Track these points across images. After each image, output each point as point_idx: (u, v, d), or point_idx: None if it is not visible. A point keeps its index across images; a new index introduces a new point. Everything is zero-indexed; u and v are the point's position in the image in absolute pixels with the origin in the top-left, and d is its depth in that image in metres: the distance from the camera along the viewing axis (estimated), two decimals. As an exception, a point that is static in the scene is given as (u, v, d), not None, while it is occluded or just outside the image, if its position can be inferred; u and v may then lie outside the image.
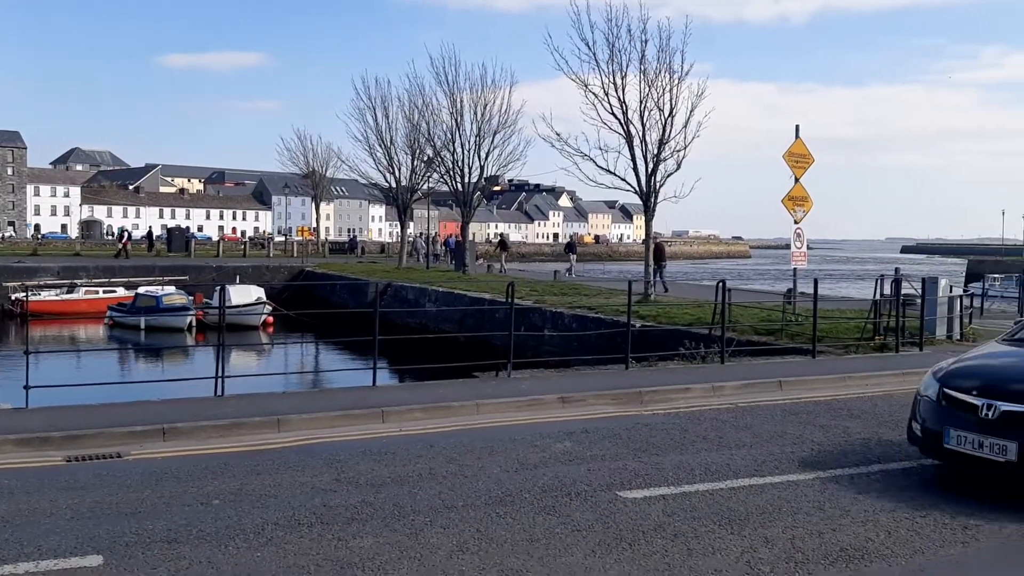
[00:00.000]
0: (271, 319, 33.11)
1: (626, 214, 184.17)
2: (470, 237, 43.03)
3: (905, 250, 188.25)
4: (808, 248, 20.34)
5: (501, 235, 59.20)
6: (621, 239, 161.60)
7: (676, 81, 22.64)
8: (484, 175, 40.61)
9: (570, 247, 49.45)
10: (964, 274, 57.76)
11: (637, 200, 24.29)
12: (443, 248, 56.96)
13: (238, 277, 37.79)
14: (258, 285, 35.80)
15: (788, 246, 20.13)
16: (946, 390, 7.29)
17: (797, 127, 19.06)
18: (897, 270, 18.98)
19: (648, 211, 24.27)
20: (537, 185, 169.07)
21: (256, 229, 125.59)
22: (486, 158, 38.90)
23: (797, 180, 19.09)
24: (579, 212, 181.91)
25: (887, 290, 17.63)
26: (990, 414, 6.79)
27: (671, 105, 22.68)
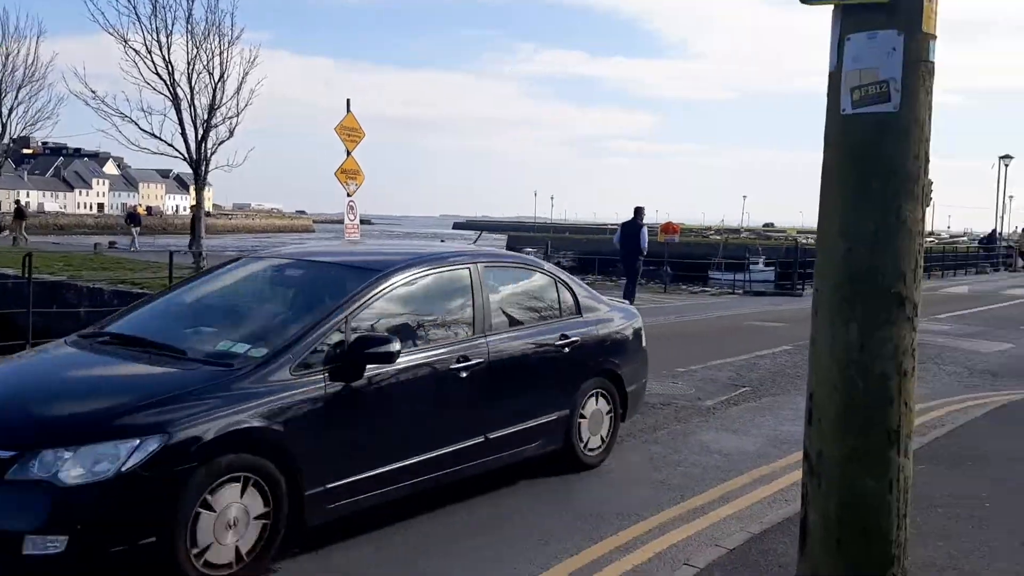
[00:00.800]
0: None
1: (182, 184, 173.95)
2: (-9, 204, 37.48)
3: (457, 226, 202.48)
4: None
5: (17, 202, 52.71)
6: (177, 211, 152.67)
7: (227, 45, 21.77)
8: (9, 135, 35.80)
9: (132, 218, 45.28)
10: (505, 248, 63.88)
11: (194, 169, 23.02)
12: (-45, 217, 49.09)
13: None
14: None
15: (345, 220, 20.47)
16: None
17: (348, 101, 19.28)
18: (443, 241, 20.39)
19: (199, 180, 23.12)
20: (78, 149, 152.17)
21: None
22: (9, 115, 34.27)
23: (349, 153, 19.41)
24: (128, 181, 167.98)
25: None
26: None
27: (222, 69, 21.74)
